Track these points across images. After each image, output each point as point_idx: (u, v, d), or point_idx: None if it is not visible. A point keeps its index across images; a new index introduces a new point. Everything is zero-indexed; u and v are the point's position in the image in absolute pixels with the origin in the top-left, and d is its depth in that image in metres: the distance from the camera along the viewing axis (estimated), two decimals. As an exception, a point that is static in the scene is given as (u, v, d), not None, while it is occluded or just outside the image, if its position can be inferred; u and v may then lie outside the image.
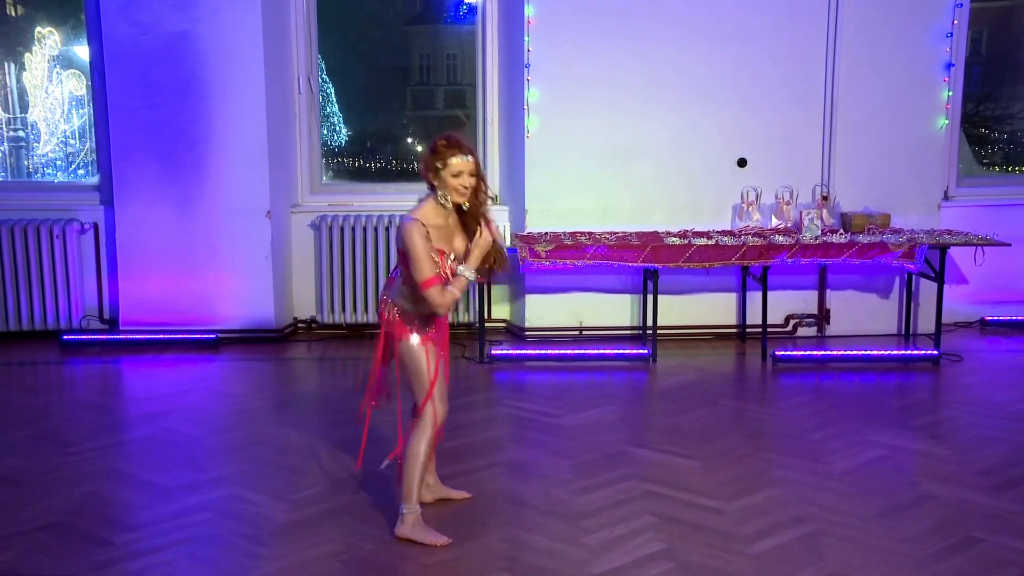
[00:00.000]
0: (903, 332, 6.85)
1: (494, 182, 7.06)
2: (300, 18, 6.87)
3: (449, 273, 3.52)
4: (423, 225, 3.45)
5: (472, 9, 7.04)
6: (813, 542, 3.59)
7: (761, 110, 6.67)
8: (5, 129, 7.06)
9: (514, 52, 6.71)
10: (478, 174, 3.53)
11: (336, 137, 7.35)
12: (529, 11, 6.47)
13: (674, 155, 6.69)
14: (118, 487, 4.15)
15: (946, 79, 6.72)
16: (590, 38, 6.53)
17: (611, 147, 6.66)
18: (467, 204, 3.52)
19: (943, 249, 6.24)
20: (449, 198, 3.50)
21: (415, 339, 3.58)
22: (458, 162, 3.47)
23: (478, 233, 3.49)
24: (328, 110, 7.26)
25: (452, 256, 3.55)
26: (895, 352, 6.30)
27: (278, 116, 6.71)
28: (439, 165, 3.47)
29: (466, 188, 3.50)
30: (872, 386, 5.79)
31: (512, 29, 6.74)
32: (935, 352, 6.19)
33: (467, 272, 3.49)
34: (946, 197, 7.07)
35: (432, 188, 3.53)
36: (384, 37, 7.47)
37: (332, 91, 7.27)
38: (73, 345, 6.58)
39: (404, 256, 3.48)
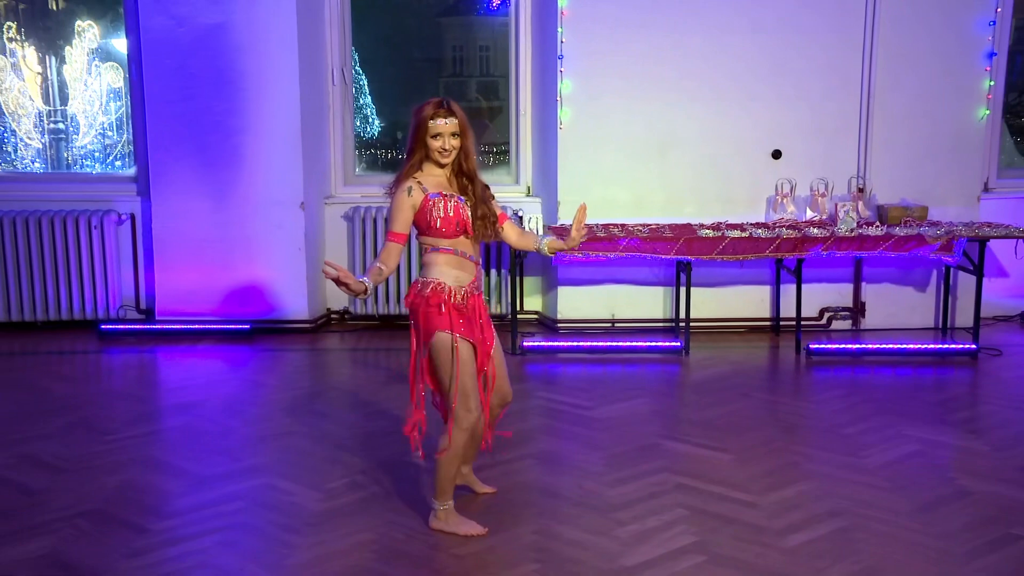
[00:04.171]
0: (940, 326, 6.77)
1: (527, 173, 7.06)
2: (334, 10, 6.90)
3: (457, 209, 3.44)
4: (415, 181, 3.43)
5: (505, 1, 7.02)
6: (847, 537, 3.56)
7: (796, 101, 6.60)
8: (46, 121, 7.16)
9: (547, 44, 6.69)
10: (462, 136, 3.46)
11: (369, 129, 7.37)
12: (562, 2, 6.44)
13: (708, 147, 6.65)
14: (154, 475, 4.21)
15: (988, 68, 6.61)
16: (624, 29, 6.49)
17: (644, 139, 6.63)
18: (446, 163, 3.47)
19: (982, 242, 6.15)
20: (432, 160, 3.46)
21: (448, 334, 3.42)
22: (435, 124, 3.41)
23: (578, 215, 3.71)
24: (361, 101, 7.29)
25: (456, 199, 3.47)
26: (932, 346, 6.21)
27: (312, 107, 6.74)
28: (420, 128, 3.43)
29: (447, 150, 3.44)
30: (908, 380, 5.72)
31: (545, 21, 6.72)
32: (973, 346, 6.10)
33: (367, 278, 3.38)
34: (986, 189, 6.97)
35: (412, 152, 3.47)
36: (417, 29, 7.49)
37: (365, 82, 7.29)
38: (111, 335, 6.67)
39: (416, 225, 3.49)
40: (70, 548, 3.50)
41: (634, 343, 6.29)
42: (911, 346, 6.15)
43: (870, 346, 6.17)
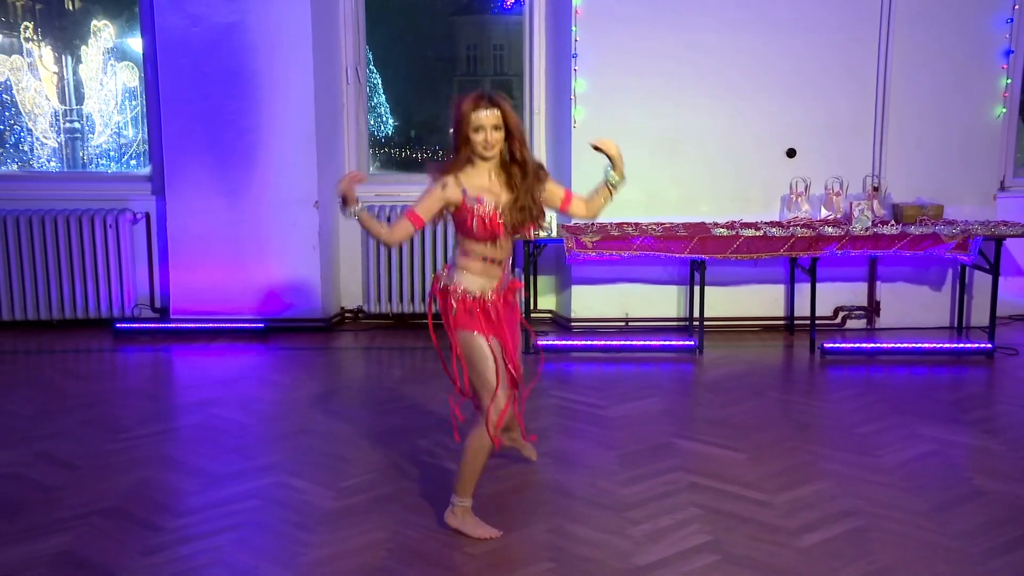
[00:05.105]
0: (956, 325, 6.72)
1: (540, 172, 7.05)
2: (348, 9, 6.91)
3: (492, 217, 3.38)
4: (455, 178, 3.36)
5: (519, 0, 7.03)
6: (862, 536, 3.54)
7: (811, 99, 6.57)
8: (62, 120, 7.20)
9: (561, 42, 6.69)
10: (508, 125, 3.35)
11: (383, 128, 7.39)
12: (577, 1, 6.43)
13: (722, 145, 6.63)
14: (169, 473, 4.23)
15: (1004, 66, 6.56)
16: (638, 28, 6.48)
17: (658, 137, 6.61)
18: (489, 156, 3.37)
19: (999, 240, 6.11)
20: (477, 155, 3.37)
21: (468, 333, 3.43)
22: (476, 117, 3.31)
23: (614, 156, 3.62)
24: (375, 100, 7.30)
25: (494, 204, 3.39)
26: (947, 345, 6.18)
27: (326, 106, 6.76)
28: (462, 123, 3.33)
29: (490, 143, 3.34)
30: (923, 379, 5.69)
31: (560, 19, 6.71)
32: (989, 345, 6.06)
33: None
34: (1002, 187, 6.92)
35: (458, 150, 3.38)
36: (431, 27, 7.50)
37: (379, 81, 7.31)
38: (126, 333, 6.70)
39: (453, 220, 3.46)
40: (85, 545, 3.52)
41: (648, 342, 6.28)
42: (926, 345, 6.12)
43: (885, 345, 6.14)
